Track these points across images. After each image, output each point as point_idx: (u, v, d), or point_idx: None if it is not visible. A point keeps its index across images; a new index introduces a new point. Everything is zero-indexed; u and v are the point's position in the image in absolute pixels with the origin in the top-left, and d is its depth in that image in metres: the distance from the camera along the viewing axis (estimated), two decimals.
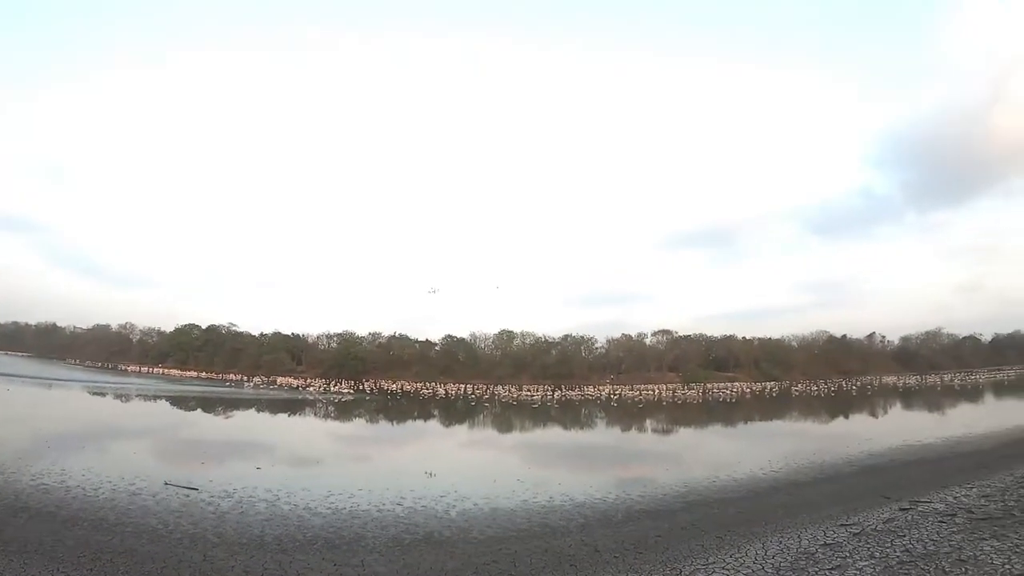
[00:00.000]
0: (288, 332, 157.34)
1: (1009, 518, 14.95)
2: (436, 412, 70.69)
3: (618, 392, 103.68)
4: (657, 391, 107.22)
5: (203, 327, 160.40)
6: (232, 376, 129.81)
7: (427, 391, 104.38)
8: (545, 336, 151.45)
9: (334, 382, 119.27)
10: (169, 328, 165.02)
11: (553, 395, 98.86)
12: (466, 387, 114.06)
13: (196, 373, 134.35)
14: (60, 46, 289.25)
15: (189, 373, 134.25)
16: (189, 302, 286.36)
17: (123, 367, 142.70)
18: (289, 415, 63.17)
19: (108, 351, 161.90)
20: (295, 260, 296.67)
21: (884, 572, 11.60)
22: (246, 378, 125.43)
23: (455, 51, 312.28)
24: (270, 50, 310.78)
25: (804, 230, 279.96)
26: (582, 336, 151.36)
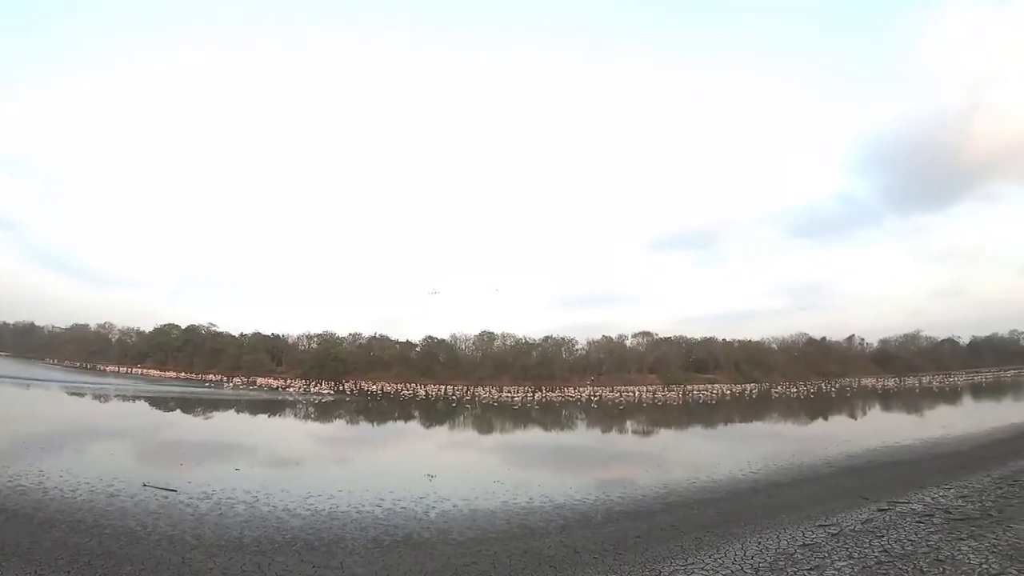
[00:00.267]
0: (268, 332, 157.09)
1: (986, 518, 15.10)
2: (416, 413, 70.38)
3: (598, 393, 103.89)
4: (637, 393, 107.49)
5: (183, 327, 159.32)
6: (212, 376, 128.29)
7: (408, 392, 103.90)
8: (526, 337, 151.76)
9: (314, 383, 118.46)
10: (148, 328, 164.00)
11: (534, 396, 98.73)
12: (447, 388, 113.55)
13: (176, 373, 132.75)
14: (37, 43, 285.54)
15: (168, 374, 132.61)
16: (169, 302, 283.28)
17: (102, 367, 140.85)
18: (269, 416, 62.65)
19: (87, 351, 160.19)
20: (275, 260, 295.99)
21: (862, 572, 11.68)
22: (226, 379, 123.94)
23: (437, 54, 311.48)
24: (248, 50, 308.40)
25: (785, 233, 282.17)
26: (563, 338, 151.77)
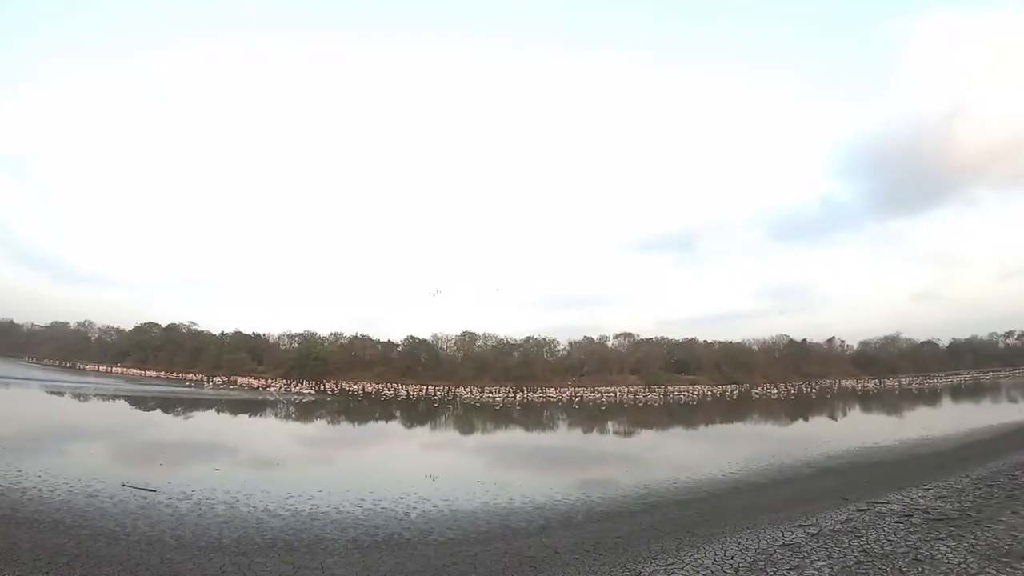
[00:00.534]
0: (249, 332, 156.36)
1: (965, 518, 15.26)
2: (397, 413, 70.18)
3: (580, 394, 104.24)
4: (619, 393, 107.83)
5: (163, 326, 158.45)
6: (192, 376, 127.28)
7: (389, 392, 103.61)
8: (507, 338, 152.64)
9: (295, 382, 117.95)
10: (128, 326, 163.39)
11: (515, 397, 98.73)
12: (428, 388, 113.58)
13: (156, 373, 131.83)
14: (18, 43, 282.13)
15: (149, 373, 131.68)
16: (149, 300, 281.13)
17: (81, 366, 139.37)
18: (249, 416, 62.30)
19: (66, 349, 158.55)
20: (256, 259, 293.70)
21: (842, 572, 11.75)
22: (206, 378, 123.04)
23: (419, 56, 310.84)
24: (229, 47, 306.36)
25: (767, 236, 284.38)
26: (544, 338, 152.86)
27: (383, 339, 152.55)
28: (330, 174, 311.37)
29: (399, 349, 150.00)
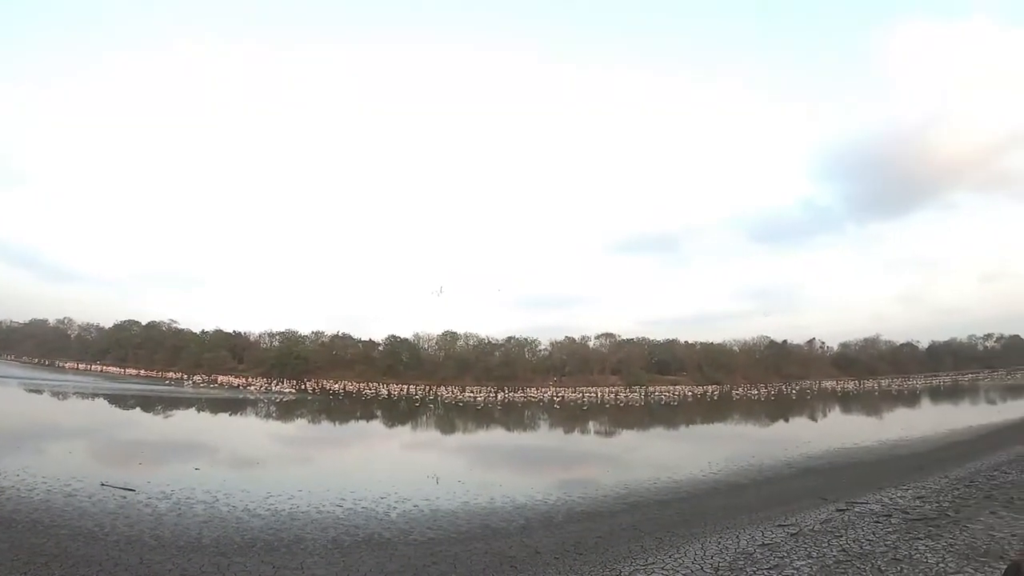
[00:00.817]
0: (230, 330, 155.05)
1: (943, 518, 15.45)
2: (379, 413, 70.17)
3: (561, 394, 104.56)
4: (600, 394, 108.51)
5: (143, 323, 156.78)
6: (172, 374, 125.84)
7: (370, 391, 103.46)
8: (489, 338, 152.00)
9: (276, 381, 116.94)
10: (108, 324, 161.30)
11: (496, 397, 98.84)
12: (409, 388, 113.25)
13: (136, 371, 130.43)
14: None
15: (129, 371, 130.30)
16: (129, 297, 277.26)
17: (61, 364, 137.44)
18: (230, 415, 62.03)
19: (46, 347, 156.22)
20: (237, 257, 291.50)
21: (821, 571, 11.86)
22: (186, 376, 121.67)
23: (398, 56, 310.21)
24: (207, 46, 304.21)
25: (748, 238, 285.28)
26: (526, 338, 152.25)
27: (365, 338, 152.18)
28: (311, 173, 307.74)
29: (380, 348, 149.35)
